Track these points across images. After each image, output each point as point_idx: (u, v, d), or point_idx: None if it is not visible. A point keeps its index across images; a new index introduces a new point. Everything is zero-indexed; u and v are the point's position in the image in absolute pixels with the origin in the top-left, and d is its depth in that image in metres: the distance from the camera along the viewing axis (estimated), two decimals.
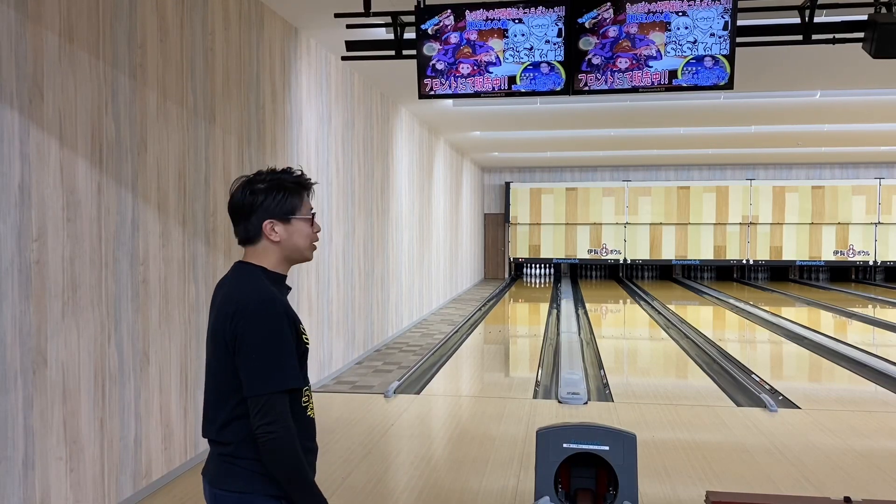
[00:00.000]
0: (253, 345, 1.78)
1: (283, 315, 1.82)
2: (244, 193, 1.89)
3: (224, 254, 4.91)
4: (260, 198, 1.88)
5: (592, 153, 16.38)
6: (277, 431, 1.74)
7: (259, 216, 1.88)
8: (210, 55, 4.71)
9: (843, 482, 4.30)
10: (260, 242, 1.91)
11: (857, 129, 12.54)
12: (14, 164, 3.07)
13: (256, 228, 1.89)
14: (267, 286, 1.86)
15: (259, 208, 1.88)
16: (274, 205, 1.88)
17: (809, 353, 8.73)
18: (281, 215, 1.89)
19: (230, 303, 1.84)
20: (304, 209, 1.92)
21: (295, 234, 1.91)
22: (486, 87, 4.81)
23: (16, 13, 3.07)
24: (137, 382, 3.93)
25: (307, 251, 1.97)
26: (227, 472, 1.84)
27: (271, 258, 1.92)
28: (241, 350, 1.80)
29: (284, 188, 1.89)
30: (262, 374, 1.77)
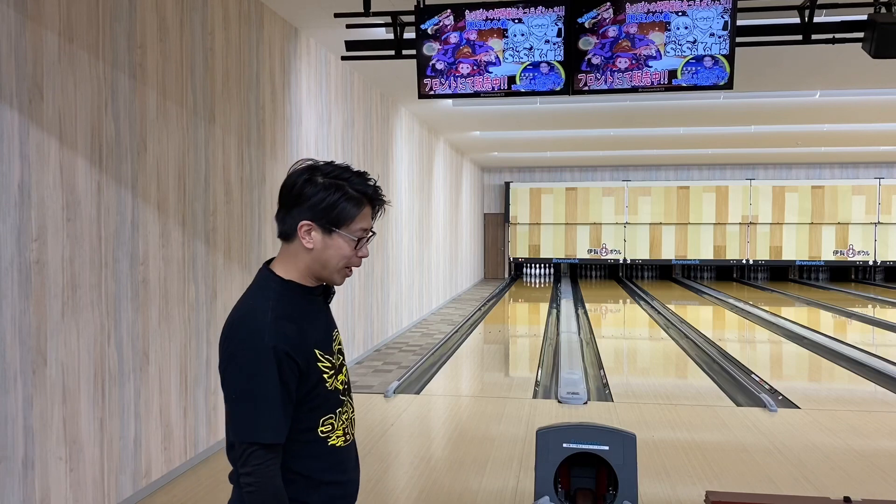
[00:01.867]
0: (229, 381, 1.58)
1: (269, 352, 1.54)
2: (299, 178, 1.62)
3: (224, 254, 4.91)
4: (311, 190, 1.60)
5: (592, 153, 16.38)
6: (252, 484, 1.54)
7: (300, 212, 1.61)
8: (210, 55, 4.71)
9: (842, 482, 4.30)
10: (293, 243, 1.65)
11: (857, 129, 12.54)
12: (14, 164, 3.07)
13: (292, 226, 1.63)
14: (268, 310, 1.59)
15: (304, 203, 1.61)
16: (321, 206, 1.60)
17: (809, 353, 8.73)
18: (324, 222, 1.61)
19: (225, 328, 1.63)
20: (353, 225, 1.62)
21: (330, 250, 1.63)
22: (485, 87, 4.81)
23: (16, 13, 3.07)
24: (137, 382, 3.93)
25: (336, 274, 1.67)
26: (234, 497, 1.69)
27: (299, 266, 1.66)
28: (222, 379, 1.60)
29: (344, 193, 1.60)
30: (237, 422, 1.57)
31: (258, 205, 5.45)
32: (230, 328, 1.61)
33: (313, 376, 1.62)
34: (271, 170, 5.69)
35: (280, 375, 1.55)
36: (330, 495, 1.70)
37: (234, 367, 1.57)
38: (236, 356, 1.57)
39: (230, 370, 1.58)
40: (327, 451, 1.68)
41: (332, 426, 1.69)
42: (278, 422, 1.56)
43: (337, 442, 1.70)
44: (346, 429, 1.74)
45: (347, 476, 1.76)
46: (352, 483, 1.78)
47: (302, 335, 1.61)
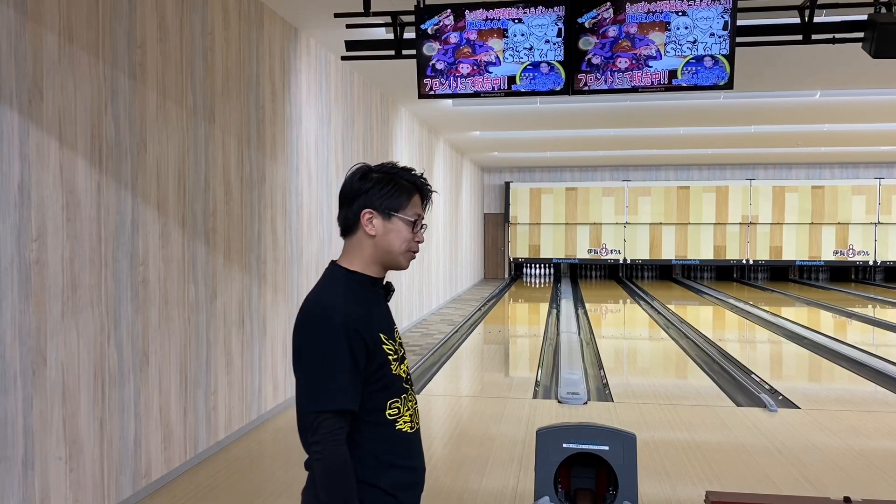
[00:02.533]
0: (303, 359, 1.71)
1: (341, 328, 1.68)
2: (353, 178, 1.81)
3: (224, 254, 4.91)
4: (367, 185, 1.79)
5: (592, 153, 16.38)
6: (321, 452, 1.64)
7: (360, 203, 1.79)
8: (210, 55, 4.71)
9: (842, 482, 4.30)
10: (356, 234, 1.81)
11: (857, 129, 12.54)
12: (14, 164, 3.07)
13: (355, 216, 1.79)
14: (337, 295, 1.74)
15: (363, 195, 1.78)
16: (379, 196, 1.78)
17: (809, 353, 8.73)
18: (383, 208, 1.78)
19: (300, 310, 1.78)
20: (409, 210, 1.81)
21: (392, 233, 1.79)
22: (485, 87, 4.81)
23: (15, 13, 3.07)
24: (137, 382, 3.92)
25: (401, 256, 1.83)
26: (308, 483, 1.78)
27: (364, 255, 1.81)
28: (295, 363, 1.74)
29: (396, 183, 1.80)
30: (308, 392, 1.69)
31: (258, 205, 5.45)
32: (303, 313, 1.75)
33: (379, 356, 1.74)
34: (271, 170, 5.69)
35: (350, 350, 1.68)
36: (398, 479, 1.77)
37: (308, 343, 1.70)
38: (310, 333, 1.70)
39: (305, 347, 1.71)
40: (395, 436, 1.77)
41: (399, 410, 1.79)
42: (348, 390, 1.67)
43: (404, 427, 1.80)
44: (413, 416, 1.84)
45: (415, 462, 1.85)
46: (419, 470, 1.86)
47: (368, 317, 1.75)
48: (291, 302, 6.09)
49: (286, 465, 4.60)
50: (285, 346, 5.97)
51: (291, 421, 6.00)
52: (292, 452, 4.93)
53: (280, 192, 5.85)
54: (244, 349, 5.23)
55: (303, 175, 6.33)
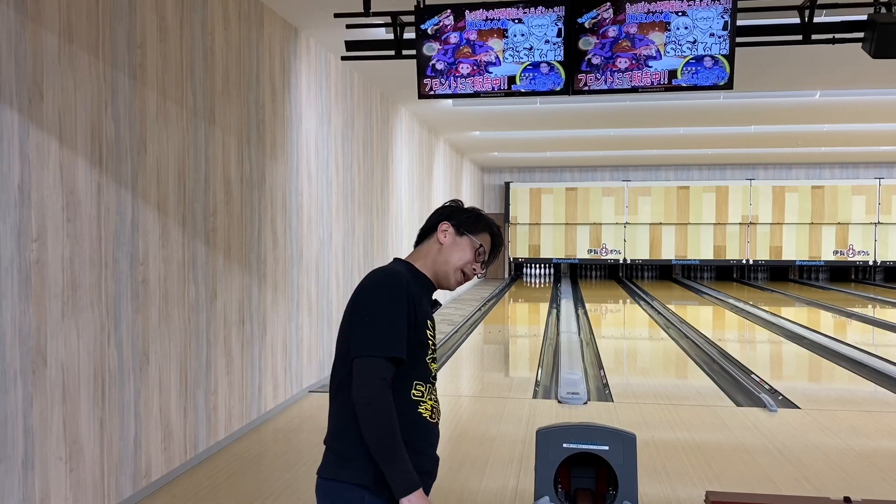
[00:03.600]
0: (365, 310, 1.83)
1: (405, 294, 1.85)
2: (444, 204, 2.10)
3: (224, 254, 4.91)
4: (453, 207, 2.08)
5: (592, 153, 16.38)
6: (370, 395, 1.74)
7: (444, 216, 2.05)
8: (210, 55, 4.71)
9: (842, 482, 4.30)
10: (427, 241, 2.05)
11: (857, 129, 12.54)
12: (14, 164, 3.07)
13: (434, 223, 2.05)
14: (402, 273, 1.92)
15: (448, 212, 2.06)
16: (459, 216, 2.05)
17: (809, 353, 8.73)
18: (458, 225, 2.03)
19: (366, 278, 1.93)
20: (479, 238, 2.04)
21: (456, 248, 2.01)
22: (485, 87, 4.81)
23: (15, 13, 3.07)
24: (137, 382, 3.93)
25: (453, 274, 2.03)
26: (325, 459, 1.91)
27: (427, 260, 2.03)
28: (354, 317, 1.85)
29: (479, 218, 2.06)
30: (365, 340, 1.79)
31: (258, 205, 5.45)
32: (371, 278, 1.91)
33: (421, 335, 1.89)
34: (271, 170, 5.69)
35: (408, 313, 1.84)
36: (414, 461, 1.81)
37: (373, 298, 1.85)
38: (377, 291, 1.86)
39: (369, 301, 1.85)
40: (415, 417, 1.88)
41: (422, 394, 1.90)
42: (403, 341, 1.81)
43: (425, 413, 1.91)
44: (434, 407, 1.96)
45: (431, 451, 1.94)
46: (433, 460, 1.95)
47: (421, 300, 1.93)
48: (291, 302, 6.09)
49: (286, 465, 4.60)
50: (285, 345, 5.98)
51: (291, 421, 6.03)
52: (292, 452, 4.93)
53: (280, 192, 5.85)
54: (244, 349, 5.23)
55: (303, 175, 6.33)
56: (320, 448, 2.03)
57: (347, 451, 1.83)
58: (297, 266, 6.23)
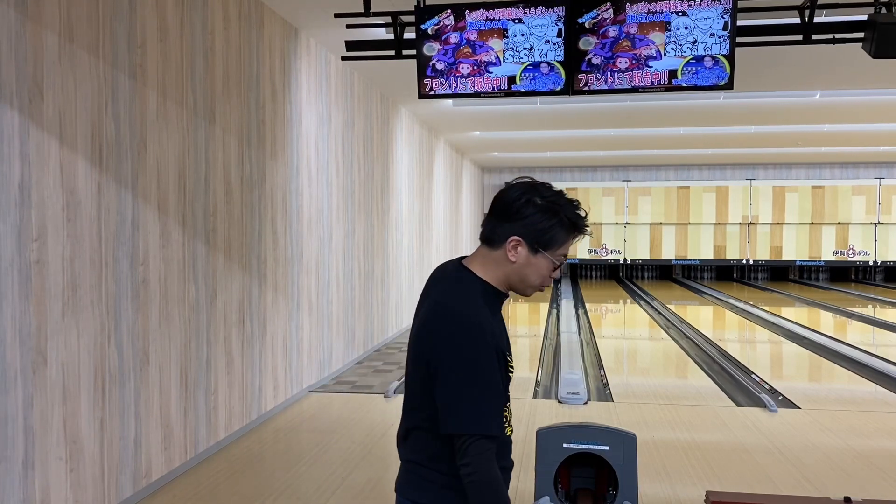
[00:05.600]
0: (453, 378, 1.65)
1: (491, 349, 1.66)
2: (518, 195, 1.74)
3: (224, 254, 4.91)
4: (529, 211, 1.72)
5: (592, 153, 16.38)
6: (473, 474, 1.62)
7: (513, 227, 1.72)
8: (210, 55, 4.71)
9: (843, 482, 4.30)
10: (496, 250, 1.76)
11: (857, 129, 12.54)
12: (14, 164, 3.07)
13: (503, 237, 1.74)
14: (480, 306, 1.71)
15: (520, 221, 1.72)
16: (536, 227, 1.72)
17: (809, 353, 8.73)
18: (533, 241, 1.73)
19: (437, 317, 1.72)
20: (559, 250, 1.76)
21: (532, 267, 1.75)
22: (485, 87, 4.81)
23: (16, 13, 3.07)
24: (137, 382, 3.93)
25: (530, 290, 1.81)
26: (416, 483, 1.78)
27: (498, 273, 1.77)
28: (440, 378, 1.67)
29: (558, 218, 1.73)
30: (460, 414, 1.64)
31: (258, 205, 5.45)
32: (448, 322, 1.69)
33: (504, 368, 1.75)
34: (271, 170, 5.69)
35: (498, 371, 1.69)
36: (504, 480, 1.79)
37: (460, 359, 1.65)
38: (461, 349, 1.66)
39: (456, 362, 1.65)
40: (505, 440, 1.80)
41: (507, 417, 1.79)
42: (500, 415, 1.68)
43: (507, 430, 1.80)
44: (510, 421, 1.85)
45: (510, 462, 1.88)
46: (509, 471, 1.88)
47: (502, 334, 1.77)
48: (291, 302, 6.09)
49: (286, 465, 4.60)
50: (285, 345, 5.97)
51: (291, 421, 6.02)
52: (292, 452, 4.93)
53: (280, 192, 5.85)
54: (244, 349, 5.23)
55: (303, 175, 6.33)
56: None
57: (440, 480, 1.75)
58: (298, 266, 6.23)
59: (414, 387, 1.79)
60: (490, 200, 1.86)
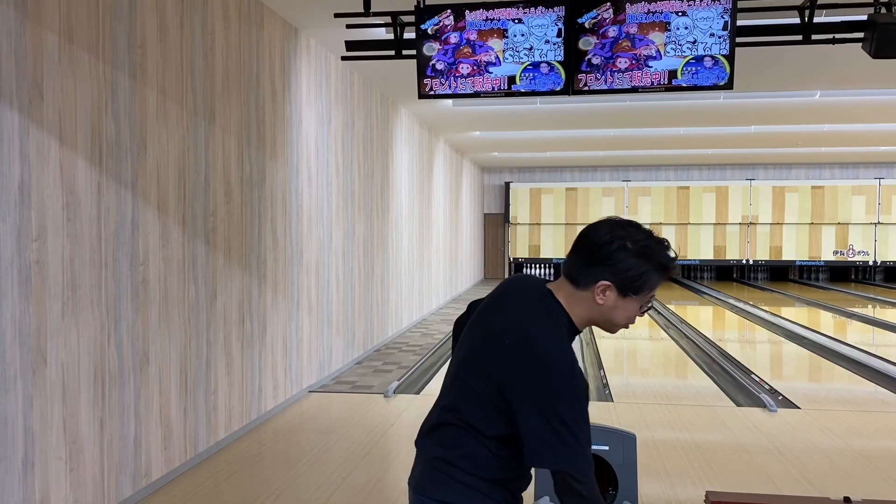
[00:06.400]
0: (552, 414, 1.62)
1: (584, 391, 1.67)
2: (609, 239, 1.69)
3: (224, 254, 4.91)
4: (621, 255, 1.67)
5: (592, 153, 16.37)
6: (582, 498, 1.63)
7: (604, 271, 1.69)
8: (210, 55, 4.71)
9: (842, 482, 4.30)
10: (584, 291, 1.72)
11: (857, 129, 12.54)
12: (14, 164, 3.07)
13: (591, 279, 1.70)
14: (568, 347, 1.70)
15: (611, 265, 1.68)
16: (627, 273, 1.68)
17: (809, 353, 8.73)
18: (623, 286, 1.69)
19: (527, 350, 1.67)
20: (649, 293, 1.74)
21: (620, 310, 1.73)
22: (485, 87, 4.81)
23: (16, 13, 3.07)
24: (137, 382, 3.93)
25: (615, 329, 1.78)
26: (442, 482, 1.76)
27: (582, 312, 1.74)
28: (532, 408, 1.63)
29: (651, 264, 1.69)
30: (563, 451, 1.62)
31: (258, 205, 5.45)
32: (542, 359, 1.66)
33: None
34: (271, 170, 5.69)
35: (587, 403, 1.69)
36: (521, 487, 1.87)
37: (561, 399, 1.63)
38: (562, 391, 1.63)
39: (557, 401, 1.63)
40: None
41: None
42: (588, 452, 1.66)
43: None
44: None
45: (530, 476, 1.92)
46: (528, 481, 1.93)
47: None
48: (291, 302, 6.09)
49: (286, 465, 4.60)
50: (285, 345, 5.97)
51: (291, 421, 6.01)
52: (292, 452, 4.93)
53: (280, 192, 5.85)
54: (244, 349, 5.23)
55: (303, 175, 6.33)
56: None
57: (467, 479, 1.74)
58: (297, 266, 6.23)
59: (465, 392, 1.76)
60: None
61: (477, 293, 15.39)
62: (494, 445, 1.74)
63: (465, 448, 1.74)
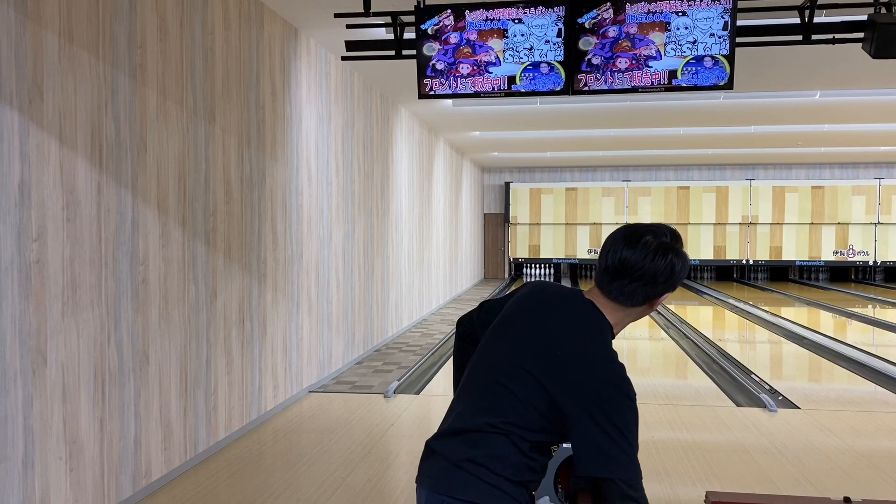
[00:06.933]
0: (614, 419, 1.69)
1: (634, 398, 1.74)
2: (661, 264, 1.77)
3: (224, 254, 4.91)
4: (664, 278, 1.78)
5: (592, 153, 16.38)
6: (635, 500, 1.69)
7: (653, 292, 1.80)
8: (210, 55, 4.71)
9: (842, 482, 4.30)
10: (627, 307, 1.83)
11: (857, 129, 12.54)
12: (14, 164, 3.07)
13: (639, 299, 1.81)
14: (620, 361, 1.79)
15: (657, 286, 1.79)
16: (663, 289, 1.81)
17: (809, 353, 8.73)
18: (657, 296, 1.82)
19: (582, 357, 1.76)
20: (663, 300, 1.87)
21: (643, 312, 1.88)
22: (485, 87, 4.81)
23: (16, 13, 3.07)
24: (137, 382, 3.93)
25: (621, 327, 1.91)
26: (468, 482, 1.77)
27: (617, 320, 1.85)
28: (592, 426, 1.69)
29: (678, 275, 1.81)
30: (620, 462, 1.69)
31: (258, 205, 5.45)
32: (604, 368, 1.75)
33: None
34: (271, 170, 5.69)
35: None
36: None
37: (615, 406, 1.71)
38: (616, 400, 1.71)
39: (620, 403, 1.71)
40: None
41: None
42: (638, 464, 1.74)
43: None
44: None
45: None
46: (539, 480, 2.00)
47: None
48: (291, 302, 6.09)
49: (286, 465, 4.60)
50: (285, 345, 5.97)
51: (291, 421, 6.01)
52: (292, 452, 4.93)
53: (280, 192, 5.85)
54: (244, 349, 5.23)
55: (303, 175, 6.33)
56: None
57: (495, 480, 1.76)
58: (297, 266, 6.23)
59: (506, 398, 1.79)
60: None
61: (477, 293, 15.39)
62: (528, 448, 1.76)
63: (497, 450, 1.76)
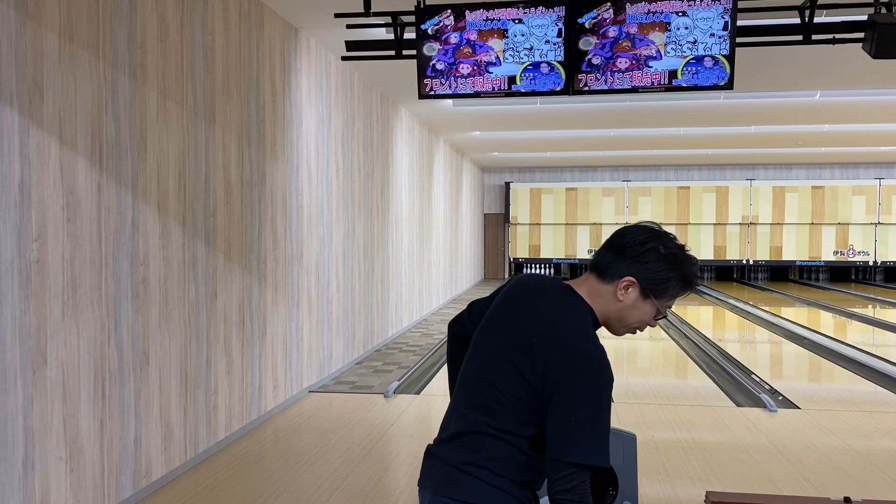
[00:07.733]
0: (577, 410, 1.64)
1: (610, 386, 1.67)
2: (644, 238, 1.74)
3: (224, 254, 4.91)
4: (651, 256, 1.72)
5: (592, 153, 16.38)
6: (574, 501, 1.63)
7: (632, 268, 1.73)
8: (210, 55, 4.71)
9: (843, 482, 4.30)
10: (606, 285, 1.75)
11: (857, 129, 12.54)
12: (14, 164, 3.07)
13: (617, 274, 1.73)
14: (598, 341, 1.71)
15: (640, 263, 1.72)
16: (654, 274, 1.72)
17: (809, 354, 8.73)
18: (647, 286, 1.73)
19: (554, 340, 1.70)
20: (668, 302, 1.77)
21: (636, 311, 1.76)
22: (486, 87, 4.81)
23: (16, 13, 3.07)
24: (137, 382, 3.93)
25: (623, 330, 1.81)
26: (470, 484, 1.74)
27: (600, 307, 1.77)
28: (559, 402, 1.65)
29: (679, 273, 1.74)
30: (573, 444, 1.64)
31: (258, 205, 5.45)
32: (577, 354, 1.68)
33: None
34: (271, 170, 5.69)
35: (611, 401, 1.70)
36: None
37: (582, 389, 1.65)
38: (589, 384, 1.66)
39: (583, 396, 1.65)
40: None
41: None
42: (607, 447, 1.67)
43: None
44: None
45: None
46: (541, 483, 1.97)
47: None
48: (291, 302, 6.09)
49: (286, 465, 4.60)
50: (285, 345, 5.97)
51: (291, 421, 6.01)
52: (292, 452, 4.93)
53: (280, 192, 5.85)
54: (244, 349, 5.23)
55: (303, 175, 6.33)
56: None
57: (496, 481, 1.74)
58: (298, 266, 6.23)
59: (495, 396, 1.75)
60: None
61: (477, 293, 15.39)
62: (526, 446, 1.74)
63: (496, 451, 1.74)
